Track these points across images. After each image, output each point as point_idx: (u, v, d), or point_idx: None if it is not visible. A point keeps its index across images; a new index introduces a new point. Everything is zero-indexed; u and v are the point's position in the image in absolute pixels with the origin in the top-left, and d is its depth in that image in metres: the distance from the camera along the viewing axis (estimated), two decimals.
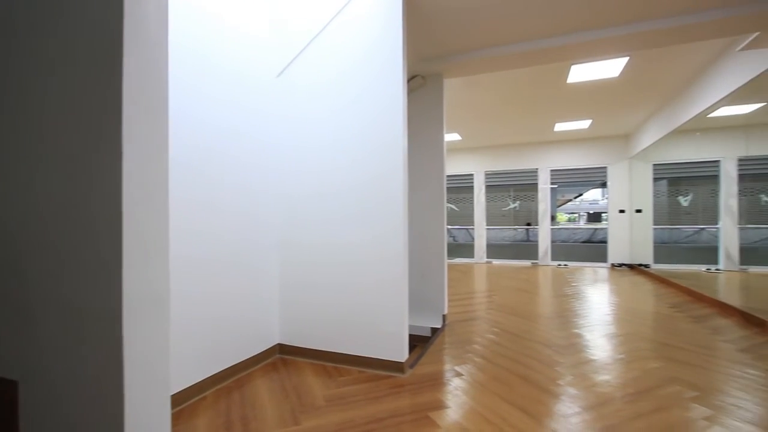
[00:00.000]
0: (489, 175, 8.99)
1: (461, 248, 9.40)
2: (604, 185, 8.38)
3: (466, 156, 9.02)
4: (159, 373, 1.03)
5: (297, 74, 2.83)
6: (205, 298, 2.26)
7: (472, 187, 9.05)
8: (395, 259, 2.51)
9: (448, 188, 4.20)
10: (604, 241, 8.22)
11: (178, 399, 2.04)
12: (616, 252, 7.93)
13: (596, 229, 9.62)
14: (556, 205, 14.22)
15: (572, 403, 2.08)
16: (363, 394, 2.20)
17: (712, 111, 4.47)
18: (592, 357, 2.76)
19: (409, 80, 3.64)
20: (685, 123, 5.00)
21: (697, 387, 2.26)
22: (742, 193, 5.58)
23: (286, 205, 2.87)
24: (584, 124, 6.87)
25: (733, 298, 4.44)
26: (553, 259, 8.34)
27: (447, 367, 2.62)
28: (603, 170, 8.13)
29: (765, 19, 2.73)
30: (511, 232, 9.42)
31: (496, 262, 8.70)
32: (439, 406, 2.06)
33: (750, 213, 5.65)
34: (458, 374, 2.48)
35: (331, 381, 2.39)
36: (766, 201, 5.61)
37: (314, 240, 2.77)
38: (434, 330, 3.41)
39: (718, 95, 4.08)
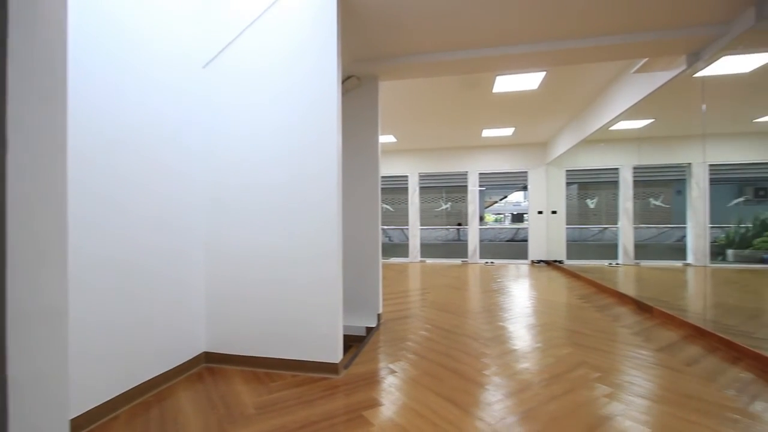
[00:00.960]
0: (423, 177, 9.29)
1: (396, 248, 9.59)
2: (525, 188, 9.11)
3: (401, 158, 9.23)
4: (54, 396, 0.91)
5: (229, 61, 2.68)
6: (117, 304, 2.04)
7: (406, 188, 9.28)
8: (329, 258, 2.49)
9: (383, 189, 4.25)
10: (525, 240, 8.91)
11: (85, 420, 1.82)
12: (536, 249, 8.66)
13: (519, 228, 10.43)
14: (484, 207, 15.12)
15: (496, 391, 2.23)
16: (296, 399, 2.15)
17: (613, 124, 5.08)
18: (514, 347, 2.98)
19: (344, 81, 3.63)
20: (591, 134, 5.63)
21: (600, 368, 2.55)
22: (636, 197, 6.42)
23: (212, 197, 2.70)
24: (508, 131, 7.40)
25: (629, 289, 5.09)
26: (481, 257, 8.86)
27: (381, 365, 2.66)
28: (524, 174, 8.82)
29: (651, 47, 3.18)
30: (444, 232, 9.85)
31: (429, 260, 9.01)
32: (373, 404, 2.09)
33: (642, 214, 6.52)
34: (392, 372, 2.53)
35: (263, 387, 2.30)
36: (654, 204, 6.51)
37: (244, 237, 2.64)
38: (369, 329, 3.44)
39: (617, 111, 4.65)
